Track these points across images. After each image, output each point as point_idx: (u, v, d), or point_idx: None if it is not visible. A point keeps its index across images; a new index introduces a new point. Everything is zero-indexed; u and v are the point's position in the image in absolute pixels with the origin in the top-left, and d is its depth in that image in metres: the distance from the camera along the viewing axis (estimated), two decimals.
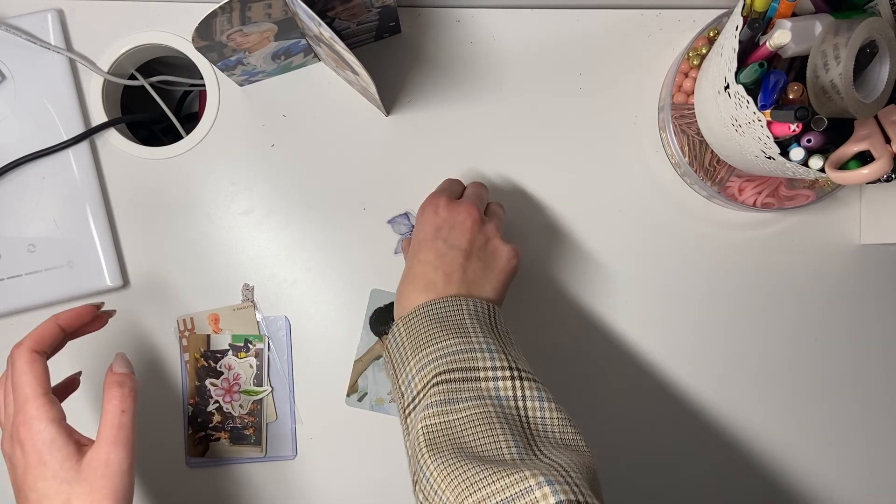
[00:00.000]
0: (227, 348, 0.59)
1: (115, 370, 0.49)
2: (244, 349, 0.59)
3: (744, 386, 0.62)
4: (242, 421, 0.59)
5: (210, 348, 0.59)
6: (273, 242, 0.61)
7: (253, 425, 0.59)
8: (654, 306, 0.62)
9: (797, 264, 0.63)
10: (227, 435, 0.59)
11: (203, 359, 0.59)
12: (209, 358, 0.59)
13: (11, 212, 0.58)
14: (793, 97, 0.48)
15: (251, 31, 0.51)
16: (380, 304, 0.61)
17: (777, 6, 0.47)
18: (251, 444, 0.59)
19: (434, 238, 0.49)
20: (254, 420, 0.59)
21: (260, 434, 0.59)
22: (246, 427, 0.59)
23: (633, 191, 0.62)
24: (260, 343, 0.59)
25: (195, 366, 0.59)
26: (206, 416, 0.59)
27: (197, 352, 0.59)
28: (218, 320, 0.59)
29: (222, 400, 0.59)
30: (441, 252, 0.49)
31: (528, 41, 0.62)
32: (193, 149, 0.61)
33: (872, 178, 0.44)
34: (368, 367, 0.61)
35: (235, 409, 0.59)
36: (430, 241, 0.49)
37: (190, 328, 0.59)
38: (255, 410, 0.59)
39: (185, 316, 0.59)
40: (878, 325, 0.63)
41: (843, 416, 0.63)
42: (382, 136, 0.62)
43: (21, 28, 0.58)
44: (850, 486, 0.63)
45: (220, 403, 0.59)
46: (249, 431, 0.59)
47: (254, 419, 0.59)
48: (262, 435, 0.59)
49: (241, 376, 0.59)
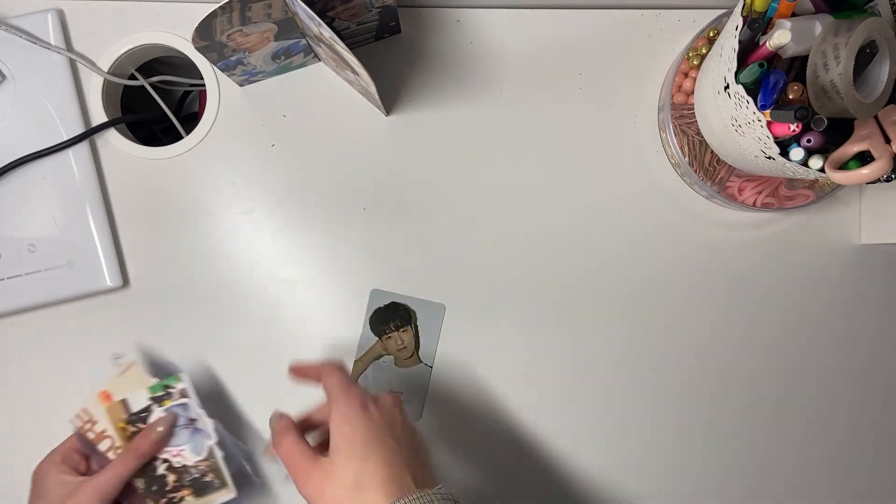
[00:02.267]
0: (149, 402, 0.54)
1: (150, 434, 0.53)
2: (166, 396, 0.54)
3: (744, 385, 0.62)
4: (199, 468, 0.53)
5: (132, 412, 0.54)
6: (273, 242, 0.61)
7: (211, 468, 0.54)
8: (654, 306, 0.62)
9: (797, 264, 0.63)
10: (190, 490, 0.53)
11: (130, 425, 0.54)
12: (136, 422, 0.54)
13: (11, 212, 0.58)
14: (793, 97, 0.48)
15: (251, 31, 0.51)
16: (380, 304, 0.61)
17: (777, 6, 0.47)
18: (218, 488, 0.54)
19: (382, 435, 0.46)
20: (209, 462, 0.54)
21: (222, 474, 0.54)
22: (205, 473, 0.53)
23: (633, 191, 0.62)
24: (180, 382, 0.54)
25: (125, 436, 0.53)
26: (159, 482, 0.53)
27: (120, 422, 0.53)
28: (110, 396, 0.54)
29: (170, 456, 0.53)
30: (392, 448, 0.45)
31: (528, 41, 0.62)
32: (193, 149, 0.61)
33: (872, 178, 0.44)
34: (368, 367, 0.61)
35: (188, 458, 0.53)
36: (377, 439, 0.45)
37: (89, 419, 0.54)
38: (208, 452, 0.54)
39: (78, 411, 0.54)
40: (879, 325, 0.63)
41: (843, 417, 0.63)
42: (382, 136, 0.62)
43: (21, 28, 0.58)
44: (850, 486, 0.63)
45: (169, 460, 0.53)
46: (211, 476, 0.53)
47: (209, 462, 0.54)
48: (223, 474, 0.54)
49: (176, 420, 0.54)
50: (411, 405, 0.61)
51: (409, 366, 0.61)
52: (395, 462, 0.45)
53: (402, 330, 0.61)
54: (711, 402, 0.62)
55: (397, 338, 0.61)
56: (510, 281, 0.61)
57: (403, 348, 0.61)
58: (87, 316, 0.60)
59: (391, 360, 0.61)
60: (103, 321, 0.60)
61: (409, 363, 0.61)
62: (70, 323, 0.60)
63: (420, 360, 0.61)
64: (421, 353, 0.61)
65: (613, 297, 0.62)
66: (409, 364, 0.61)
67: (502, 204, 0.62)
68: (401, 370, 0.61)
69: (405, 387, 0.61)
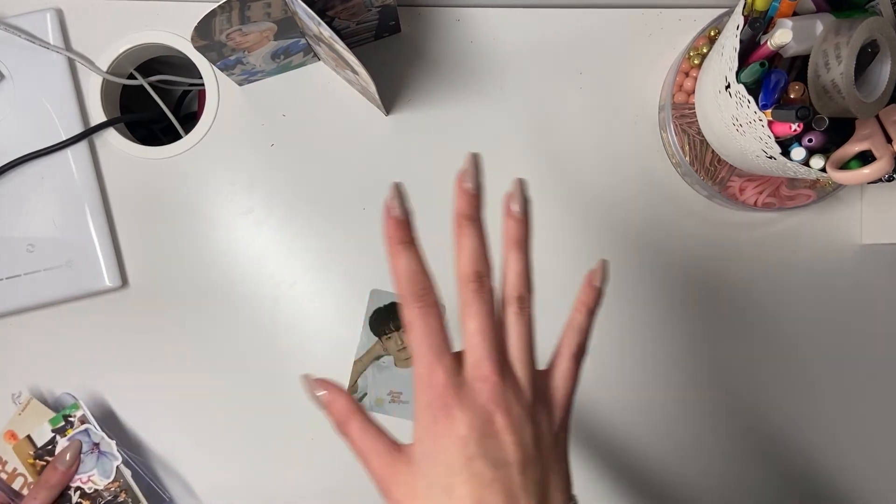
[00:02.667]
0: (53, 434, 0.54)
1: (56, 465, 0.53)
2: (68, 426, 0.54)
3: (743, 386, 0.62)
4: (110, 491, 0.54)
5: (38, 447, 0.54)
6: (272, 242, 0.61)
7: (122, 488, 0.54)
8: (654, 306, 0.62)
9: (798, 264, 0.63)
10: None
11: (38, 460, 0.54)
12: (43, 456, 0.54)
13: (10, 212, 0.58)
14: (794, 97, 0.48)
15: (250, 30, 0.51)
16: (380, 304, 0.61)
17: (778, 5, 0.47)
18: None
19: (467, 464, 0.33)
20: (119, 483, 0.54)
21: (134, 492, 0.54)
22: (117, 495, 0.54)
23: (634, 190, 0.62)
24: (78, 410, 0.54)
25: (36, 472, 0.54)
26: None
27: (28, 458, 0.54)
28: (14, 434, 0.55)
29: (81, 483, 0.54)
30: (486, 480, 0.33)
31: (528, 40, 0.62)
32: (193, 148, 0.61)
33: (874, 178, 0.44)
34: (368, 367, 0.61)
35: (99, 482, 0.54)
36: (462, 470, 0.33)
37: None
38: (116, 473, 0.55)
39: None
40: (879, 325, 0.63)
41: (843, 417, 0.63)
42: (382, 136, 0.61)
43: (20, 28, 0.57)
44: (850, 485, 0.63)
45: (81, 487, 0.54)
46: (123, 496, 0.54)
47: (119, 482, 0.54)
48: (135, 492, 0.54)
49: (81, 446, 0.54)
50: (412, 406, 0.60)
51: (410, 366, 0.61)
52: (492, 499, 0.33)
53: (402, 330, 0.61)
54: (711, 402, 0.62)
55: (397, 338, 0.61)
56: None
57: (403, 348, 0.61)
58: (87, 316, 0.60)
59: (391, 360, 0.61)
60: (103, 321, 0.60)
61: (409, 363, 0.61)
62: (69, 323, 0.60)
63: None
64: None
65: (613, 297, 0.62)
66: (409, 364, 0.61)
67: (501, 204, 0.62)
68: (401, 370, 0.61)
69: (405, 388, 0.61)
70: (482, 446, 0.33)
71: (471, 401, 0.34)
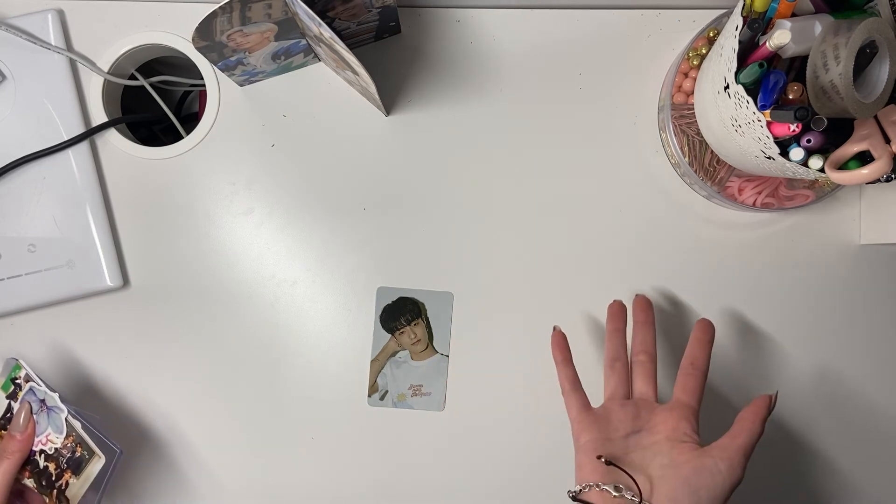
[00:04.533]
0: (7, 401, 0.54)
1: (12, 432, 0.52)
2: (18, 389, 0.53)
3: (742, 386, 0.62)
4: (67, 447, 0.52)
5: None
6: (273, 242, 0.61)
7: (76, 441, 0.52)
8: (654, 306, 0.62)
9: (797, 264, 0.63)
10: (69, 472, 0.52)
11: (2, 430, 0.54)
12: (4, 426, 0.53)
13: (11, 212, 0.58)
14: (792, 97, 0.48)
15: (251, 31, 0.51)
16: (387, 300, 0.61)
17: (777, 6, 0.47)
18: (88, 459, 0.52)
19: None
20: (73, 437, 0.52)
21: (88, 444, 0.52)
22: (74, 450, 0.52)
23: (633, 191, 0.62)
24: (21, 370, 0.53)
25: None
26: (45, 475, 0.52)
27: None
28: None
29: (42, 445, 0.52)
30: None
31: (528, 41, 0.62)
32: (193, 149, 0.61)
33: (872, 178, 0.44)
34: (385, 364, 0.61)
35: (56, 441, 0.52)
36: None
37: None
38: (67, 427, 0.53)
39: None
40: (878, 325, 0.63)
41: (844, 417, 0.63)
42: (382, 136, 0.62)
43: (21, 28, 0.58)
44: (850, 484, 0.63)
45: (44, 450, 0.52)
46: (79, 451, 0.52)
47: (73, 436, 0.52)
48: (89, 444, 0.52)
49: (31, 407, 0.53)
50: (434, 397, 0.61)
51: (426, 358, 0.61)
52: None
53: (414, 323, 0.61)
54: (710, 402, 0.62)
55: (410, 332, 0.61)
56: (511, 280, 0.61)
57: (418, 341, 0.61)
58: (88, 316, 0.60)
59: (407, 354, 0.61)
60: (103, 321, 0.60)
61: (425, 355, 0.61)
62: (71, 323, 0.60)
63: (436, 351, 0.61)
64: (435, 344, 0.61)
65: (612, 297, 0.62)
66: (425, 356, 0.61)
67: (501, 204, 0.62)
68: (418, 363, 0.61)
69: (424, 380, 0.61)
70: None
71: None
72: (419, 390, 0.61)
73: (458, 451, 0.61)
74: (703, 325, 0.54)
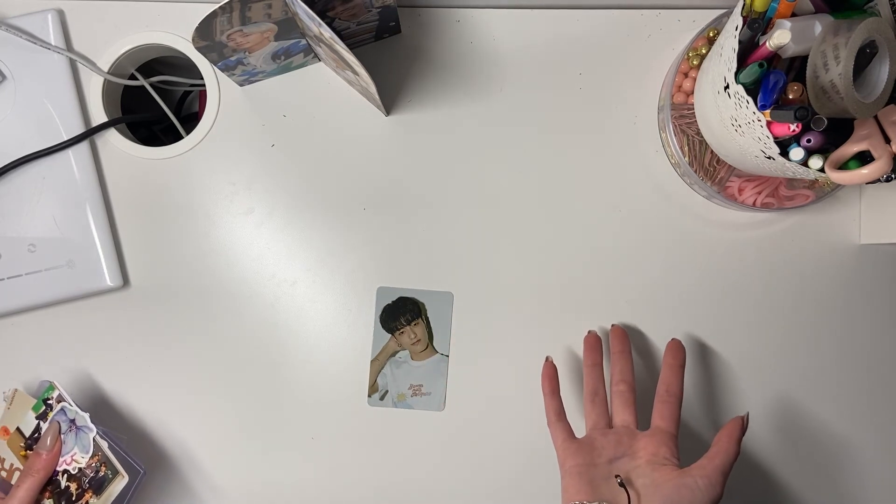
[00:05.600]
0: (36, 422, 0.54)
1: (38, 450, 0.52)
2: (49, 409, 0.54)
3: (742, 386, 0.62)
4: (92, 467, 0.53)
5: (27, 437, 0.54)
6: (273, 242, 0.61)
7: (101, 461, 0.53)
8: (654, 306, 0.62)
9: (797, 264, 0.63)
10: (91, 492, 0.52)
11: (28, 450, 0.54)
12: (32, 445, 0.54)
13: (11, 212, 0.58)
14: (792, 97, 0.48)
15: (251, 31, 0.51)
16: (387, 300, 0.61)
17: (777, 6, 0.47)
18: (112, 479, 0.53)
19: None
20: (99, 456, 0.53)
21: (112, 464, 0.53)
22: (98, 469, 0.53)
23: (633, 191, 0.62)
24: (54, 391, 0.54)
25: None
26: (66, 496, 0.53)
27: (20, 450, 0.54)
28: (7, 430, 0.55)
29: (66, 465, 0.53)
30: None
31: (528, 41, 0.62)
32: (193, 149, 0.61)
33: (872, 178, 0.44)
34: (385, 364, 0.61)
35: (81, 460, 0.53)
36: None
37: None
38: (94, 446, 0.54)
39: None
40: (878, 325, 0.63)
41: (842, 417, 0.63)
42: (382, 136, 0.62)
43: (21, 28, 0.58)
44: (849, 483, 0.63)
45: (68, 470, 0.53)
46: (103, 470, 0.53)
47: (98, 455, 0.53)
48: (114, 463, 0.53)
49: (60, 427, 0.53)
50: (434, 397, 0.61)
51: (426, 358, 0.61)
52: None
53: (414, 323, 0.61)
54: (710, 402, 0.62)
55: (410, 332, 0.61)
56: (511, 280, 0.61)
57: (417, 341, 0.61)
58: (88, 316, 0.60)
59: (407, 354, 0.61)
60: (103, 321, 0.60)
61: (425, 355, 0.61)
62: (71, 323, 0.60)
63: (436, 351, 0.61)
64: (435, 344, 0.61)
65: (612, 297, 0.62)
66: (425, 356, 0.61)
67: (501, 204, 0.62)
68: (418, 363, 0.61)
69: (424, 380, 0.61)
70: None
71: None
72: (419, 390, 0.61)
73: (458, 451, 0.62)
74: (674, 349, 0.56)
